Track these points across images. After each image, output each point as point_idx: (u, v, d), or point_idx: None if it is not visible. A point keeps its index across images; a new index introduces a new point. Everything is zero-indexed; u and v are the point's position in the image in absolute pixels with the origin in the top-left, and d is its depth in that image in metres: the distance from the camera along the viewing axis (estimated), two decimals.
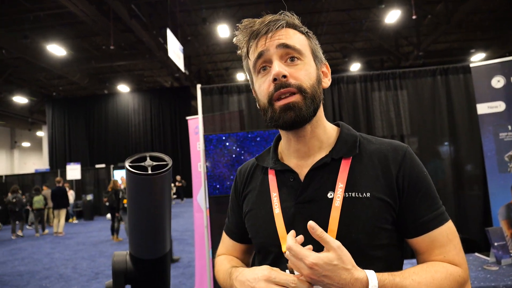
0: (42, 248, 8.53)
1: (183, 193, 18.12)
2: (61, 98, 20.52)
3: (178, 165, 18.46)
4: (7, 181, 15.00)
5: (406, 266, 0.81)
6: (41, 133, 24.23)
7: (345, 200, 0.78)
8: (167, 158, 0.60)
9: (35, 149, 26.81)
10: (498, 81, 3.08)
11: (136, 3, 10.47)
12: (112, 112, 20.11)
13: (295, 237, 0.73)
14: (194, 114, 4.28)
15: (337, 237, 0.75)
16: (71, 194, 13.17)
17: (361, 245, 0.76)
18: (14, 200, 10.04)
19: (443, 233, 0.78)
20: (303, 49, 0.82)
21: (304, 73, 0.80)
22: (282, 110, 0.79)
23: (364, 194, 0.78)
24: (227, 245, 1.04)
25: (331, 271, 0.66)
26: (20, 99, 18.08)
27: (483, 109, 3.13)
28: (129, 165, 0.56)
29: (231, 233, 1.03)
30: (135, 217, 0.61)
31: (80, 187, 14.86)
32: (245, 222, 0.94)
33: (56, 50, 11.78)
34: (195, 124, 3.88)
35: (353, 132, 0.89)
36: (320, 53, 0.88)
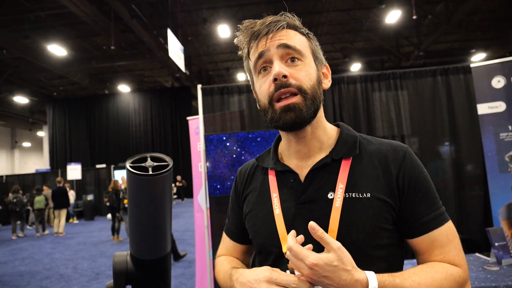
0: (42, 248, 8.53)
1: (184, 193, 18.12)
2: (61, 98, 20.54)
3: (178, 165, 18.46)
4: (8, 181, 15.02)
5: (407, 266, 0.81)
6: (42, 133, 24.26)
7: (345, 200, 0.78)
8: (167, 158, 0.60)
9: (35, 149, 26.83)
10: (498, 81, 3.08)
11: (136, 3, 10.48)
12: (112, 112, 20.12)
13: (296, 237, 0.73)
14: (194, 114, 4.28)
15: (337, 238, 0.75)
16: (72, 194, 13.18)
17: (361, 245, 0.76)
18: (14, 200, 10.05)
19: (443, 233, 0.78)
20: (304, 50, 0.83)
21: (304, 73, 0.80)
22: (282, 111, 0.79)
23: (364, 194, 0.78)
24: (227, 246, 1.04)
25: (331, 272, 0.66)
26: (20, 99, 18.10)
27: (483, 109, 3.13)
28: (130, 166, 0.56)
29: (231, 233, 1.03)
30: (136, 217, 0.61)
31: (80, 187, 14.88)
32: (245, 222, 0.94)
33: (56, 50, 11.79)
34: (196, 124, 3.88)
35: (353, 132, 0.89)
36: (320, 54, 0.88)
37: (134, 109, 19.92)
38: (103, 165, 15.59)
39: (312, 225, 0.69)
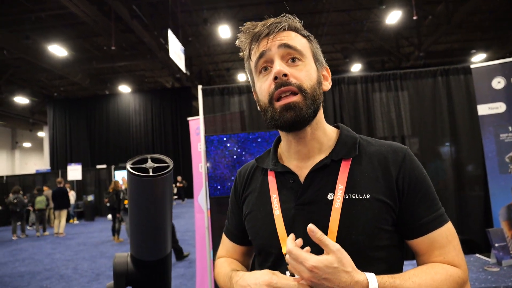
0: (43, 248, 8.54)
1: (184, 193, 18.12)
2: (62, 98, 20.55)
3: (179, 165, 18.46)
4: (8, 182, 15.02)
5: (407, 267, 0.81)
6: (42, 134, 24.27)
7: (345, 201, 0.78)
8: (168, 160, 0.60)
9: (36, 150, 26.84)
10: (498, 82, 3.08)
11: (137, 3, 10.49)
12: (113, 112, 20.13)
13: (295, 240, 0.73)
14: (195, 114, 4.28)
15: (337, 239, 0.75)
16: (72, 194, 13.17)
17: (361, 246, 0.76)
18: (15, 200, 10.06)
19: (443, 234, 0.78)
20: (304, 50, 0.83)
21: (305, 73, 0.81)
22: (282, 109, 0.79)
23: (364, 195, 0.78)
24: (227, 247, 1.04)
25: (331, 274, 0.66)
26: (21, 100, 18.11)
27: (483, 110, 3.13)
28: (131, 167, 0.56)
29: (231, 235, 1.03)
30: (136, 218, 0.61)
31: (81, 187, 14.87)
32: (245, 224, 0.94)
33: (57, 50, 11.80)
34: (196, 125, 3.89)
35: (353, 134, 0.90)
36: (321, 56, 0.89)
37: (134, 110, 19.93)
38: (104, 166, 15.60)
39: (311, 227, 0.69)
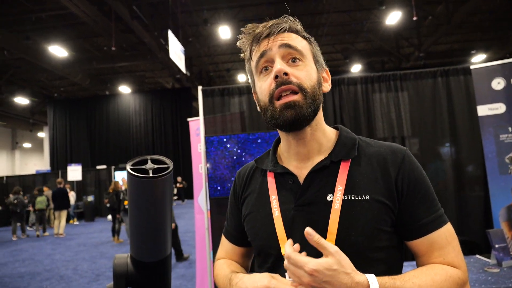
0: (42, 249, 8.53)
1: (184, 194, 18.11)
2: (62, 99, 20.56)
3: (179, 166, 18.45)
4: (8, 182, 15.01)
5: (406, 268, 0.81)
6: (42, 134, 24.27)
7: (344, 202, 0.78)
8: (168, 161, 0.60)
9: (36, 150, 26.84)
10: (498, 83, 3.08)
11: (137, 4, 10.50)
12: (113, 113, 20.13)
13: (293, 245, 0.73)
14: (195, 115, 4.28)
15: (336, 240, 0.75)
16: (72, 195, 13.17)
17: (360, 247, 0.76)
18: (15, 201, 10.06)
19: (442, 235, 0.78)
20: (305, 51, 0.84)
21: (305, 73, 0.81)
22: (282, 108, 0.79)
23: (363, 196, 0.78)
24: (227, 248, 1.04)
25: (332, 277, 0.66)
26: (21, 100, 18.12)
27: (483, 110, 3.13)
28: (131, 168, 0.56)
29: (230, 236, 1.03)
30: (136, 219, 0.61)
31: (81, 188, 14.87)
32: (244, 225, 0.94)
33: (57, 51, 11.81)
34: (196, 125, 3.89)
35: (352, 135, 0.90)
36: (321, 58, 0.89)
37: (134, 110, 19.93)
38: (104, 166, 15.59)
39: (308, 231, 0.69)
